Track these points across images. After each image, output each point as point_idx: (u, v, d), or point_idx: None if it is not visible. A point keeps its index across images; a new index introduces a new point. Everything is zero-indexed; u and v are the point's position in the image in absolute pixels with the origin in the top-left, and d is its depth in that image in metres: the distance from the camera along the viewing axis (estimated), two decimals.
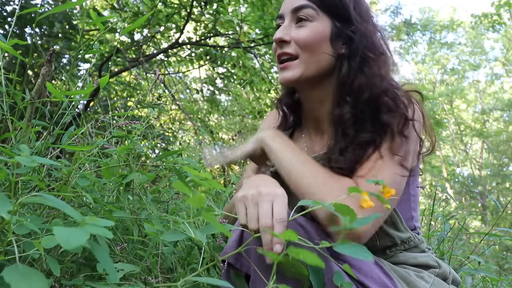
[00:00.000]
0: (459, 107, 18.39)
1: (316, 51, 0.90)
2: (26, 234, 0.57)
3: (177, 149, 1.05)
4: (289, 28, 0.92)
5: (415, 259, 0.91)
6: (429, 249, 0.98)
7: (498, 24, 11.56)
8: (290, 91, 1.05)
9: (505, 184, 16.90)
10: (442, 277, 0.91)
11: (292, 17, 0.92)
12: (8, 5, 3.45)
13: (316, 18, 0.90)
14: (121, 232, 1.03)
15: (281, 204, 0.68)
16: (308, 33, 0.90)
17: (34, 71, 3.91)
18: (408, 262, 0.90)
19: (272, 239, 0.65)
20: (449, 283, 0.91)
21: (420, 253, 0.93)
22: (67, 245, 0.37)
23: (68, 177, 0.85)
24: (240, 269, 0.77)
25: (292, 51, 0.91)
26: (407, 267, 0.89)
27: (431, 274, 0.89)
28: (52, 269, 0.54)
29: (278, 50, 0.93)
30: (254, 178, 0.78)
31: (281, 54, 0.92)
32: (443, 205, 3.63)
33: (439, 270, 0.91)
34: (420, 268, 0.90)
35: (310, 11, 0.90)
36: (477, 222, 10.65)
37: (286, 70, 0.91)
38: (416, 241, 0.92)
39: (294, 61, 0.91)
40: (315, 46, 0.90)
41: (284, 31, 0.91)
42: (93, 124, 1.33)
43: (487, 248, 1.80)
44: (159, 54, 4.82)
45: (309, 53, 0.90)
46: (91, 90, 0.86)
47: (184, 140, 5.08)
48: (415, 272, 0.87)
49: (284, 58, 0.92)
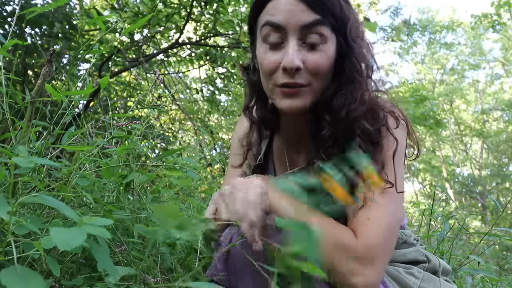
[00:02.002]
0: (459, 107, 18.39)
1: (325, 77, 0.81)
2: (26, 234, 0.57)
3: (177, 149, 1.05)
4: (301, 50, 0.78)
5: (404, 256, 0.91)
6: (417, 240, 0.98)
7: (498, 24, 11.55)
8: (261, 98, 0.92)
9: (505, 184, 16.90)
10: (432, 270, 0.91)
11: (301, 35, 0.77)
12: (8, 5, 3.45)
13: (328, 38, 0.78)
14: (121, 233, 1.03)
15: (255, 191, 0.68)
16: (324, 60, 0.78)
17: (34, 71, 3.91)
18: (397, 260, 0.90)
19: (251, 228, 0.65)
20: (439, 276, 0.92)
21: (409, 247, 0.93)
22: (64, 246, 0.37)
23: (68, 177, 0.85)
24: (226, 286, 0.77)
25: (304, 82, 0.78)
26: (397, 265, 0.89)
27: (420, 269, 0.89)
28: (52, 269, 0.53)
29: (286, 78, 0.78)
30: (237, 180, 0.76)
31: (291, 84, 0.78)
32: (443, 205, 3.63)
33: (428, 265, 0.91)
34: (409, 264, 0.90)
35: (324, 29, 0.77)
36: (477, 222, 10.65)
37: (294, 98, 0.79)
38: (404, 237, 0.92)
39: (304, 88, 0.79)
40: (327, 73, 0.80)
41: (298, 56, 0.76)
42: (93, 124, 1.32)
43: (487, 248, 1.80)
44: (159, 54, 4.82)
45: (320, 81, 0.80)
46: (91, 90, 0.86)
47: (184, 140, 5.08)
48: (404, 269, 0.87)
49: (293, 85, 0.79)
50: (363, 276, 0.69)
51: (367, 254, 0.69)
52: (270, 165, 1.01)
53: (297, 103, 0.80)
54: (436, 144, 17.18)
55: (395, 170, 0.79)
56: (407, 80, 14.81)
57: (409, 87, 9.82)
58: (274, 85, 0.81)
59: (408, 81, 14.79)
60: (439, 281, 0.89)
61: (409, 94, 8.80)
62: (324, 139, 0.82)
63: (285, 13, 0.77)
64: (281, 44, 0.79)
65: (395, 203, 0.77)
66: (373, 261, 0.70)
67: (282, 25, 0.77)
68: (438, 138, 15.66)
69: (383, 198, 0.76)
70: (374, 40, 14.86)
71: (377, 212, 0.74)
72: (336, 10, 0.78)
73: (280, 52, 0.79)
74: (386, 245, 0.73)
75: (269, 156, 1.02)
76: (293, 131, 0.94)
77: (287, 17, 0.77)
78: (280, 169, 0.99)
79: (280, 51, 0.79)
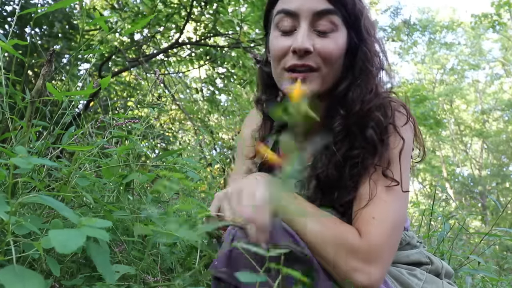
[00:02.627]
0: (459, 107, 18.39)
1: (335, 66, 0.81)
2: (26, 234, 0.57)
3: (177, 149, 1.05)
4: (311, 36, 0.79)
5: (407, 257, 0.91)
6: (420, 242, 0.98)
7: (498, 24, 11.56)
8: (273, 91, 0.94)
9: (505, 184, 16.90)
10: (434, 273, 0.91)
11: (313, 21, 0.80)
12: (8, 5, 3.45)
13: (339, 28, 0.81)
14: (121, 233, 1.03)
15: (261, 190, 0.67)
16: (334, 46, 0.80)
17: (34, 71, 3.91)
18: (400, 261, 0.90)
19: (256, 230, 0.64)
20: (441, 278, 0.92)
21: (411, 249, 0.93)
22: (63, 249, 0.37)
23: (68, 177, 0.84)
24: (230, 282, 0.77)
25: (313, 64, 0.79)
26: (399, 266, 0.89)
27: (423, 271, 0.89)
28: (52, 269, 0.53)
29: (295, 60, 0.80)
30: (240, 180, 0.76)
31: (299, 65, 0.79)
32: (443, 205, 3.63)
33: (431, 267, 0.91)
34: (412, 266, 0.90)
35: (336, 18, 0.80)
36: (477, 222, 10.65)
37: (304, 83, 0.80)
38: (407, 238, 0.92)
39: (313, 72, 0.80)
40: (337, 60, 0.81)
41: (309, 40, 0.78)
42: (93, 124, 1.32)
43: (487, 248, 1.80)
44: (159, 54, 4.82)
45: (329, 68, 0.81)
46: (92, 90, 0.86)
47: (184, 140, 5.08)
48: (407, 271, 0.87)
49: (302, 69, 0.80)
50: (367, 275, 0.69)
51: (371, 253, 0.69)
52: None
53: (306, 89, 0.80)
54: (436, 144, 17.17)
55: (401, 169, 0.79)
56: (407, 80, 14.81)
57: (409, 87, 9.82)
58: (283, 69, 0.82)
59: (408, 81, 14.80)
60: (442, 283, 0.88)
61: (409, 94, 8.80)
62: (336, 133, 0.82)
63: (299, 1, 0.80)
64: (294, 31, 0.82)
65: (400, 202, 0.77)
66: (376, 260, 0.70)
67: (295, 11, 0.80)
68: (438, 138, 15.66)
69: (388, 196, 0.76)
70: None
71: (382, 211, 0.74)
72: (349, 4, 0.81)
73: (292, 37, 0.81)
74: (390, 245, 0.73)
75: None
76: (301, 125, 0.92)
77: (301, 3, 0.80)
78: None
79: (291, 37, 0.81)
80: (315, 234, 0.71)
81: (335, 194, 0.81)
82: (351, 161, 0.80)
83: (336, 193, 0.81)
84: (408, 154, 0.83)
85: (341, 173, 0.81)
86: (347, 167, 0.80)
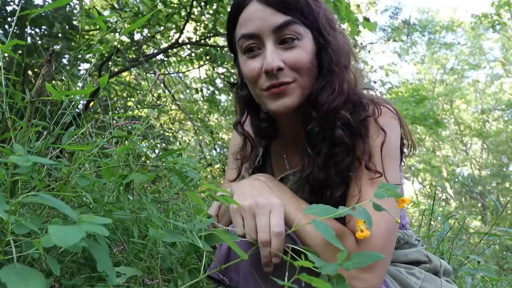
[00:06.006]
0: (459, 107, 18.39)
1: (309, 72, 0.81)
2: (26, 234, 0.57)
3: (177, 149, 1.05)
4: (278, 52, 0.79)
5: (406, 256, 0.91)
6: (419, 240, 0.98)
7: (498, 24, 11.56)
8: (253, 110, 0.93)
9: (505, 184, 16.90)
10: (433, 271, 0.92)
11: (276, 37, 0.79)
12: (8, 5, 3.45)
13: (303, 35, 0.80)
14: (121, 233, 1.03)
15: (278, 215, 0.68)
16: (303, 55, 0.79)
17: (34, 71, 3.91)
18: (398, 260, 0.91)
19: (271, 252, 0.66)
20: (440, 276, 0.92)
21: (410, 248, 0.93)
22: (62, 243, 0.37)
23: (68, 177, 0.84)
24: (229, 284, 0.77)
25: (289, 79, 0.79)
26: (398, 265, 0.90)
27: (421, 270, 0.89)
28: (52, 268, 0.53)
29: (269, 81, 0.79)
30: (246, 186, 0.77)
31: (277, 85, 0.79)
32: (443, 205, 3.63)
33: (429, 265, 0.91)
34: (411, 265, 0.90)
35: (296, 27, 0.79)
36: (477, 222, 10.65)
37: (284, 97, 0.79)
38: (406, 237, 0.93)
39: (291, 84, 0.80)
40: (309, 67, 0.81)
41: (277, 57, 0.78)
42: (93, 124, 1.32)
43: (487, 248, 1.80)
44: (159, 54, 4.82)
45: (305, 76, 0.81)
46: (91, 90, 0.86)
47: (184, 140, 5.08)
48: (405, 269, 0.88)
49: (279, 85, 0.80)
50: (364, 281, 0.69)
51: None
52: (268, 169, 1.01)
53: (287, 102, 0.80)
54: (436, 144, 17.17)
55: (385, 161, 0.78)
56: (407, 80, 14.79)
57: (409, 87, 9.82)
58: (261, 90, 0.82)
59: (408, 81, 14.78)
60: (440, 281, 0.89)
61: (409, 94, 8.80)
62: (314, 135, 0.82)
63: (256, 21, 0.79)
64: (260, 50, 0.81)
65: (392, 204, 0.77)
66: (373, 266, 0.70)
67: (256, 33, 0.80)
68: (438, 138, 15.65)
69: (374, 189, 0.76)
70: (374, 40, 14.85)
71: (376, 216, 0.74)
72: (303, 7, 0.80)
73: (260, 58, 0.81)
74: (386, 249, 0.73)
75: (267, 161, 1.02)
76: (289, 133, 0.94)
77: (259, 24, 0.79)
78: (278, 172, 0.99)
79: (259, 58, 0.81)
80: (314, 238, 0.72)
81: (327, 193, 0.82)
82: (334, 159, 0.81)
83: (328, 192, 0.82)
84: (394, 147, 0.82)
85: (328, 173, 0.81)
86: (332, 166, 0.81)
